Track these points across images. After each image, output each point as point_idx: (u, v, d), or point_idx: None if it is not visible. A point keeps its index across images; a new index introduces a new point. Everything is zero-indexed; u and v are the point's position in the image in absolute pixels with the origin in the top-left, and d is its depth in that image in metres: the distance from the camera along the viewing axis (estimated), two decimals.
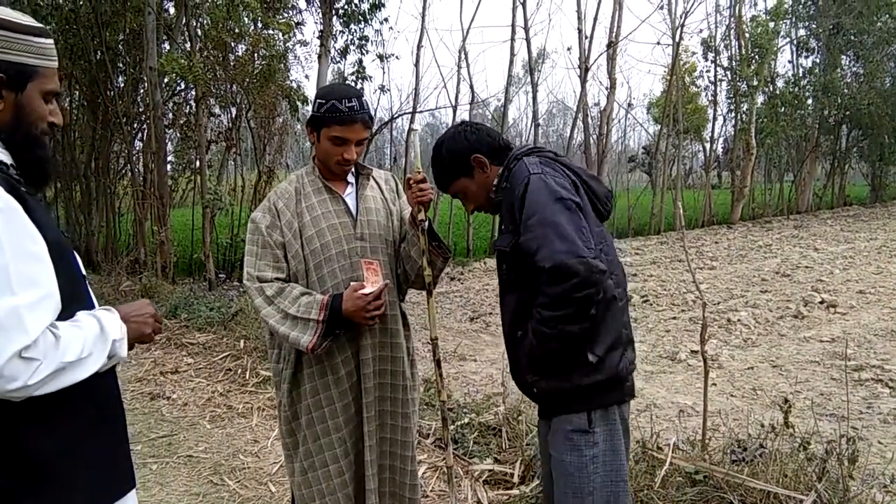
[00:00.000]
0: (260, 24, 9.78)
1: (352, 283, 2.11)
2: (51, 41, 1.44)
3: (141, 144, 11.16)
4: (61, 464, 1.38)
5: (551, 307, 1.73)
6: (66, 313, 1.36)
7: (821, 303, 7.83)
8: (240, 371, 5.33)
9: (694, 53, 20.36)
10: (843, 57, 19.82)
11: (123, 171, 11.97)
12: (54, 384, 1.29)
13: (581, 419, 1.87)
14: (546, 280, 1.71)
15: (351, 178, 2.30)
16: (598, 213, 1.96)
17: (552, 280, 1.70)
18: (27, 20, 1.40)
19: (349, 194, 2.28)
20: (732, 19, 18.40)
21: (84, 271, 1.55)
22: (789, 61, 24.83)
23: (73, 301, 1.40)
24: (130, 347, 1.50)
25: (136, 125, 11.14)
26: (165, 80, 10.29)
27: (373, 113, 2.29)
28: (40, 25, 1.43)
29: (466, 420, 3.98)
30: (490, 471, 3.46)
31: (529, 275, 1.79)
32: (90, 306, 1.50)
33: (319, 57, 9.90)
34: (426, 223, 2.18)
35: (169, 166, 10.83)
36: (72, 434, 1.41)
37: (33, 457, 1.34)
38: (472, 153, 2.04)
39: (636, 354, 2.03)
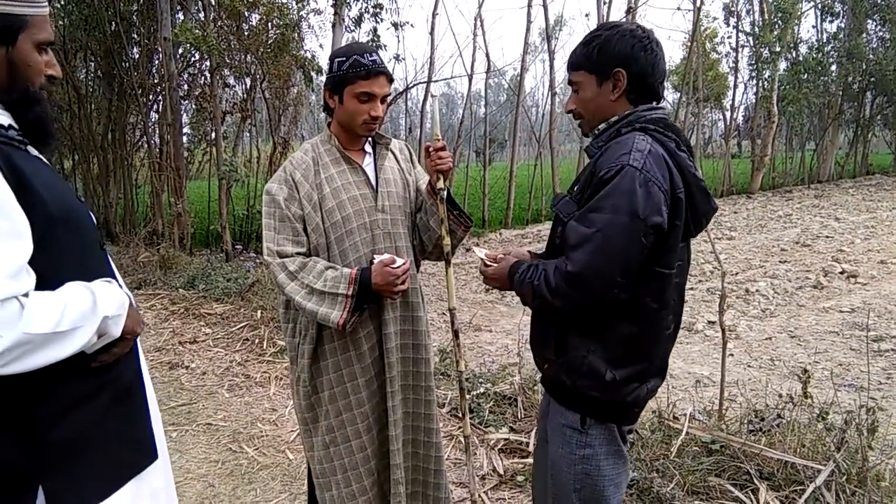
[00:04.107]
0: None
1: (380, 258, 2.05)
2: None
3: (157, 116, 11.18)
4: (79, 446, 1.32)
5: (554, 289, 1.61)
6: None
7: (841, 273, 7.74)
8: (257, 341, 5.38)
9: (715, 19, 20.07)
10: (869, 21, 19.28)
11: (140, 143, 12.01)
12: (27, 361, 1.15)
13: (574, 417, 1.74)
14: (562, 276, 1.59)
15: (368, 149, 2.24)
16: (685, 230, 1.64)
17: (567, 280, 1.58)
18: None
19: (368, 165, 2.20)
20: None
21: (104, 241, 1.48)
22: (813, 26, 24.33)
23: (84, 271, 1.34)
24: (124, 336, 1.37)
25: (151, 97, 11.14)
26: (180, 50, 10.26)
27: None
28: None
29: (482, 390, 4.00)
30: (506, 440, 3.48)
31: None
32: (108, 277, 1.43)
33: (333, 26, 9.78)
34: (445, 192, 2.13)
35: (185, 138, 10.84)
36: (90, 416, 1.34)
37: (52, 439, 1.28)
38: (621, 65, 1.66)
39: (664, 380, 1.83)
